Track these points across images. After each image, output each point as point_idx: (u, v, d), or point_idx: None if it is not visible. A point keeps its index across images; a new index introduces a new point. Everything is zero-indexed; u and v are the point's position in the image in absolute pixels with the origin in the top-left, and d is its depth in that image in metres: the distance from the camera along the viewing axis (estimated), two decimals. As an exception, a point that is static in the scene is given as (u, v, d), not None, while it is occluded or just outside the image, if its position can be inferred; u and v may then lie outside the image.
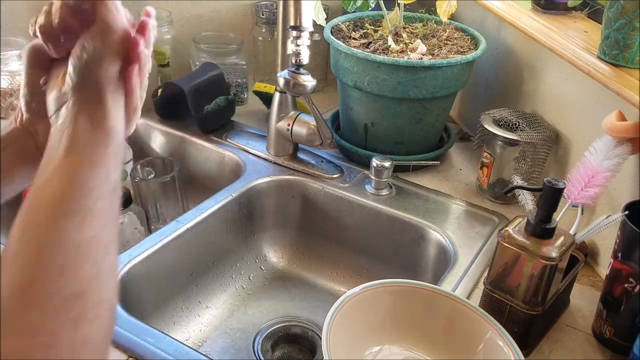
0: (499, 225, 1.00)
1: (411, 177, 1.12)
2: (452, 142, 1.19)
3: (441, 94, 1.06)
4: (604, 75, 0.86)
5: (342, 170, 1.11)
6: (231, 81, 1.30)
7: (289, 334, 0.98)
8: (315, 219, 1.10)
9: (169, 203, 1.07)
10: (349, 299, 0.73)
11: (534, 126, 1.01)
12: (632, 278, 0.73)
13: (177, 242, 0.93)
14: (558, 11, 1.12)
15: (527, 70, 1.11)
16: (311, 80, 1.02)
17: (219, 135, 1.20)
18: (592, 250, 0.93)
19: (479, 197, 1.08)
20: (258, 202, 1.09)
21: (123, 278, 0.84)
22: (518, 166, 1.01)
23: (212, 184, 1.17)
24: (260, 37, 1.42)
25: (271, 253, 1.13)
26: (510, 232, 0.74)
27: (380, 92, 1.05)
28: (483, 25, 1.24)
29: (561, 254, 0.72)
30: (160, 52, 1.33)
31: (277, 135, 1.12)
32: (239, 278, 1.07)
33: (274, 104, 1.10)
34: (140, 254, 0.87)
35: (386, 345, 0.76)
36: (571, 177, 0.83)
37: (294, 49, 1.00)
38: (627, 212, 0.74)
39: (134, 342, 0.72)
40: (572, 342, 0.80)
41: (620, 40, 0.87)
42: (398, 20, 1.16)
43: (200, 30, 1.38)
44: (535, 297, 0.74)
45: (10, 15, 1.32)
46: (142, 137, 1.25)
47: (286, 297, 1.06)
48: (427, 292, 0.77)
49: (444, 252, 0.96)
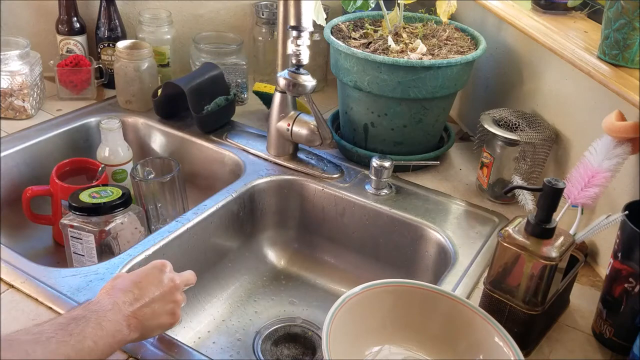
0: (499, 225, 1.00)
1: (411, 177, 1.12)
2: (452, 142, 1.19)
3: (441, 94, 1.06)
4: (604, 75, 0.86)
5: (342, 170, 1.11)
6: (231, 81, 1.30)
7: (289, 334, 0.98)
8: (315, 219, 1.10)
9: (169, 203, 1.07)
10: (349, 299, 0.73)
11: (534, 126, 1.01)
12: (632, 278, 0.73)
13: (177, 242, 0.93)
14: (558, 11, 1.12)
15: (527, 70, 1.11)
16: (311, 80, 1.02)
17: (219, 135, 1.20)
18: (592, 250, 0.93)
19: (479, 197, 1.08)
20: (258, 202, 1.09)
21: (123, 278, 0.84)
22: (518, 166, 1.01)
23: (212, 184, 1.17)
24: (260, 37, 1.42)
25: (271, 253, 1.13)
26: (510, 232, 0.74)
27: (380, 92, 1.05)
28: (483, 25, 1.24)
29: (561, 254, 0.72)
30: (160, 52, 1.34)
31: (277, 135, 1.12)
32: (239, 278, 1.07)
33: (274, 104, 1.10)
34: (140, 254, 0.87)
35: (386, 345, 0.76)
36: (571, 177, 0.83)
37: (294, 49, 1.00)
38: (627, 212, 0.74)
39: (134, 342, 0.72)
40: (572, 342, 0.80)
41: (620, 40, 0.87)
42: (398, 20, 1.16)
43: (200, 30, 1.38)
44: (535, 297, 0.74)
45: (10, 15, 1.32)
46: (142, 137, 1.25)
47: (286, 297, 1.06)
48: (427, 292, 0.77)
49: (444, 252, 0.96)
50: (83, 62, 1.28)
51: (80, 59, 1.28)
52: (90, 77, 1.29)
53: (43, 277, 0.81)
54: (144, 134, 1.25)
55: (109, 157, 1.11)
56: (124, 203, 0.95)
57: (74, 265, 0.96)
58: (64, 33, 1.33)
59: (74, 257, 0.95)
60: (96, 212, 0.93)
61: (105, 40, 1.33)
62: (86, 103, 1.29)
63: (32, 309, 0.77)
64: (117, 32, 1.34)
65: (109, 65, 1.34)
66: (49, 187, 1.04)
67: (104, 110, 1.26)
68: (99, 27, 1.33)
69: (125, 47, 1.23)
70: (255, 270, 1.10)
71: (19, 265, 0.83)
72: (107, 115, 1.22)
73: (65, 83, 1.28)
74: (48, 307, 0.77)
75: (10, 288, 0.80)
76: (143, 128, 1.25)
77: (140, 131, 1.25)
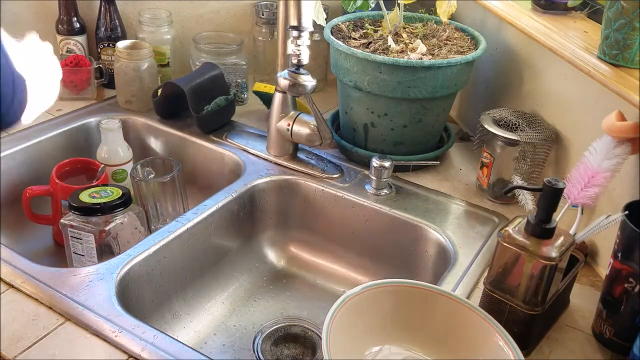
0: (499, 225, 1.00)
1: (411, 177, 1.12)
2: (452, 142, 1.19)
3: (441, 94, 1.06)
4: (604, 75, 0.86)
5: (342, 170, 1.11)
6: (231, 81, 1.30)
7: (289, 334, 0.98)
8: (315, 219, 1.10)
9: (169, 203, 1.07)
10: (349, 299, 0.73)
11: (534, 126, 1.01)
12: (632, 278, 0.73)
13: (177, 242, 0.93)
14: (558, 11, 1.12)
15: (527, 70, 1.11)
16: (311, 80, 1.02)
17: (219, 135, 1.20)
18: (592, 250, 0.93)
19: (479, 197, 1.08)
20: (258, 202, 1.09)
21: (123, 278, 0.84)
22: (518, 166, 1.01)
23: (212, 184, 1.17)
24: (260, 37, 1.42)
25: (271, 253, 1.13)
26: (510, 232, 0.74)
27: (380, 92, 1.05)
28: (483, 25, 1.24)
29: (561, 254, 0.72)
30: (160, 52, 1.34)
31: (277, 135, 1.12)
32: (239, 278, 1.07)
33: (274, 104, 1.10)
34: (140, 253, 0.87)
35: (386, 345, 0.76)
36: (571, 177, 0.83)
37: (294, 49, 1.00)
38: (627, 212, 0.74)
39: (134, 342, 0.72)
40: (572, 342, 0.80)
41: (620, 40, 0.87)
42: (398, 20, 1.16)
43: (200, 30, 1.38)
44: (535, 297, 0.74)
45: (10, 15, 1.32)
46: (142, 137, 1.25)
47: (286, 297, 1.06)
48: (427, 292, 0.77)
49: (444, 252, 0.96)
50: (83, 62, 1.28)
51: (80, 59, 1.28)
52: (90, 77, 1.29)
53: (43, 277, 0.81)
54: (144, 134, 1.25)
55: (109, 157, 1.11)
56: (124, 203, 0.95)
57: (74, 265, 0.96)
58: (64, 33, 1.33)
59: (74, 257, 0.95)
60: (96, 212, 0.93)
61: (105, 40, 1.33)
62: (86, 103, 1.29)
63: (32, 309, 0.77)
64: (117, 32, 1.34)
65: (109, 65, 1.34)
66: (49, 187, 1.04)
67: (104, 110, 1.26)
68: (99, 27, 1.33)
69: (125, 47, 1.23)
70: (255, 270, 1.10)
71: (19, 265, 0.83)
72: (107, 115, 1.22)
73: (65, 83, 1.28)
74: (48, 307, 0.77)
75: (10, 288, 0.80)
76: (143, 128, 1.25)
77: (140, 131, 1.25)
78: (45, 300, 0.78)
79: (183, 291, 0.97)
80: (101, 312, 0.76)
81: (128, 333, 0.74)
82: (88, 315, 0.76)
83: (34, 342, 0.72)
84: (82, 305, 0.77)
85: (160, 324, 0.92)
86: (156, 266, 0.90)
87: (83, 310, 0.76)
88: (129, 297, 0.85)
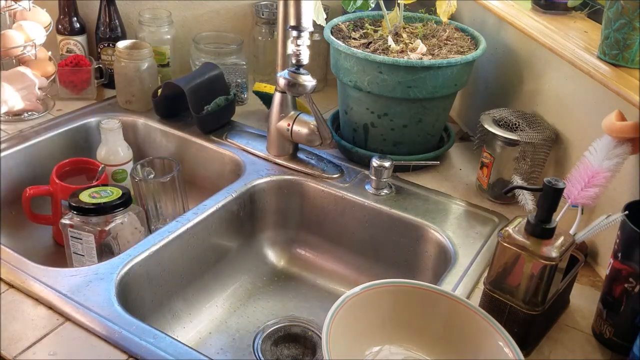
0: (499, 225, 1.00)
1: (411, 177, 1.12)
2: (452, 142, 1.19)
3: (441, 94, 1.06)
4: (604, 75, 0.86)
5: (342, 170, 1.11)
6: (231, 81, 1.30)
7: (289, 334, 0.98)
8: (315, 219, 1.10)
9: (169, 203, 1.07)
10: (349, 299, 0.73)
11: (534, 126, 1.01)
12: (632, 278, 0.73)
13: (177, 242, 0.93)
14: (558, 11, 1.12)
15: (527, 70, 1.11)
16: (311, 80, 1.02)
17: (219, 135, 1.20)
18: (592, 250, 0.93)
19: (479, 197, 1.08)
20: (258, 202, 1.09)
21: (123, 278, 0.84)
22: (518, 166, 1.01)
23: (212, 184, 1.17)
24: (260, 37, 1.42)
25: (271, 253, 1.13)
26: (510, 232, 0.74)
27: (380, 92, 1.05)
28: (483, 25, 1.24)
29: (561, 254, 0.72)
30: (160, 52, 1.34)
31: (277, 135, 1.12)
32: (239, 278, 1.07)
33: (274, 104, 1.10)
34: (140, 254, 0.87)
35: (386, 345, 0.76)
36: (571, 177, 0.83)
37: (294, 49, 1.00)
38: (627, 212, 0.74)
39: (134, 342, 0.72)
40: (572, 342, 0.80)
41: (620, 40, 0.87)
42: (398, 20, 1.16)
43: (200, 30, 1.38)
44: (535, 297, 0.74)
45: (10, 15, 1.32)
46: (142, 137, 1.25)
47: (286, 297, 1.06)
48: (427, 292, 0.77)
49: (444, 252, 0.96)
50: (83, 62, 1.28)
51: (80, 59, 1.28)
52: (90, 77, 1.29)
53: (43, 277, 0.81)
54: (144, 134, 1.25)
55: (109, 157, 1.11)
56: (124, 203, 0.95)
57: (74, 265, 0.96)
58: (64, 33, 1.33)
59: (74, 257, 0.95)
60: (96, 212, 0.93)
61: (105, 40, 1.33)
62: (86, 103, 1.29)
63: (32, 309, 0.77)
64: (117, 32, 1.34)
65: (109, 65, 1.34)
66: (49, 187, 1.04)
67: (103, 110, 1.26)
68: (99, 27, 1.33)
69: (125, 47, 1.23)
70: (255, 270, 1.10)
71: (19, 265, 0.83)
72: (107, 115, 1.22)
73: (65, 83, 1.28)
74: (48, 307, 0.77)
75: (10, 288, 0.80)
76: (143, 128, 1.25)
77: (140, 131, 1.25)
78: (45, 301, 0.78)
79: (183, 291, 0.97)
80: (101, 312, 0.76)
81: (128, 333, 0.74)
82: (88, 315, 0.76)
83: (34, 342, 0.72)
84: (82, 305, 0.77)
85: (160, 324, 0.92)
86: (156, 266, 0.90)
87: (83, 310, 0.76)
88: (129, 297, 0.85)
